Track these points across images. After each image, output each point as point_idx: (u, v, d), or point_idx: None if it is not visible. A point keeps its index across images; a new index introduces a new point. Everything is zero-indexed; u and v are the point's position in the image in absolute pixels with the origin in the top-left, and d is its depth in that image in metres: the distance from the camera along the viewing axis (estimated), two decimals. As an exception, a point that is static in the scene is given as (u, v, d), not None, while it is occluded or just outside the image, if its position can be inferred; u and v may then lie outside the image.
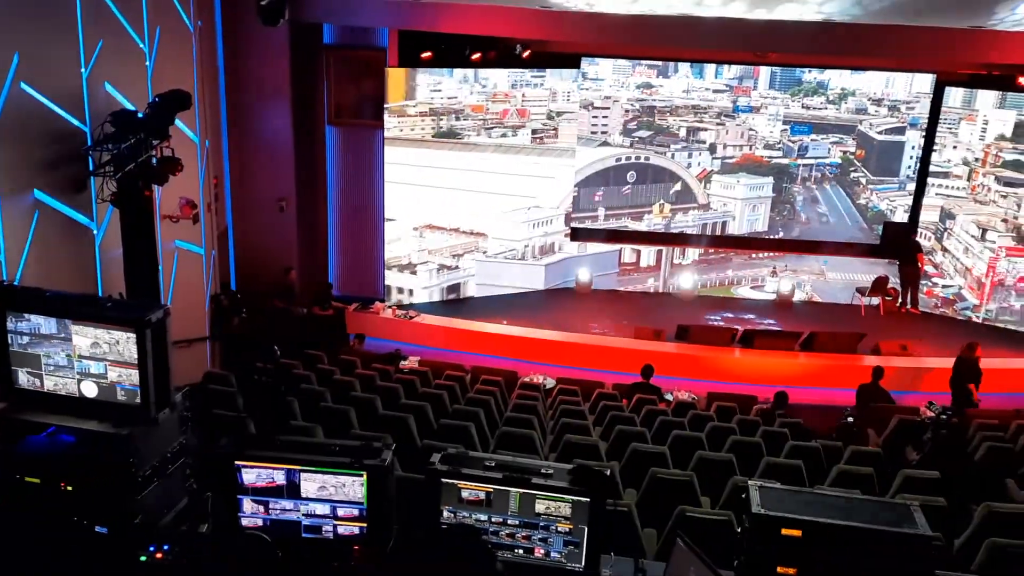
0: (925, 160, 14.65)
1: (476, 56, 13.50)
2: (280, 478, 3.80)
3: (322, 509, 3.85)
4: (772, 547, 3.43)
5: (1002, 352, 13.11)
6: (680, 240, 15.58)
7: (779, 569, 3.43)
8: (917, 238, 14.84)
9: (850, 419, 10.28)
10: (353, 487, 3.80)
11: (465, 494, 3.78)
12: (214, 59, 12.26)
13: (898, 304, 14.79)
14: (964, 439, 9.01)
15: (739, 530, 3.56)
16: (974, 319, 14.49)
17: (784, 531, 3.41)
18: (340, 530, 3.86)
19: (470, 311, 14.06)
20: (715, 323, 14.23)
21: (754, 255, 15.74)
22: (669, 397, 10.78)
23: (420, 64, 13.33)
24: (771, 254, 15.70)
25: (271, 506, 3.85)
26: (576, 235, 15.41)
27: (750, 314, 14.70)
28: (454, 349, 12.75)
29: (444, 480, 3.78)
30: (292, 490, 3.82)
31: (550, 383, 11.16)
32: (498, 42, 13.68)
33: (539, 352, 12.65)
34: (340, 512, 3.84)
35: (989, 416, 9.91)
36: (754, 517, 3.43)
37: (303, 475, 3.80)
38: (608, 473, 3.83)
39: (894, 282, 14.90)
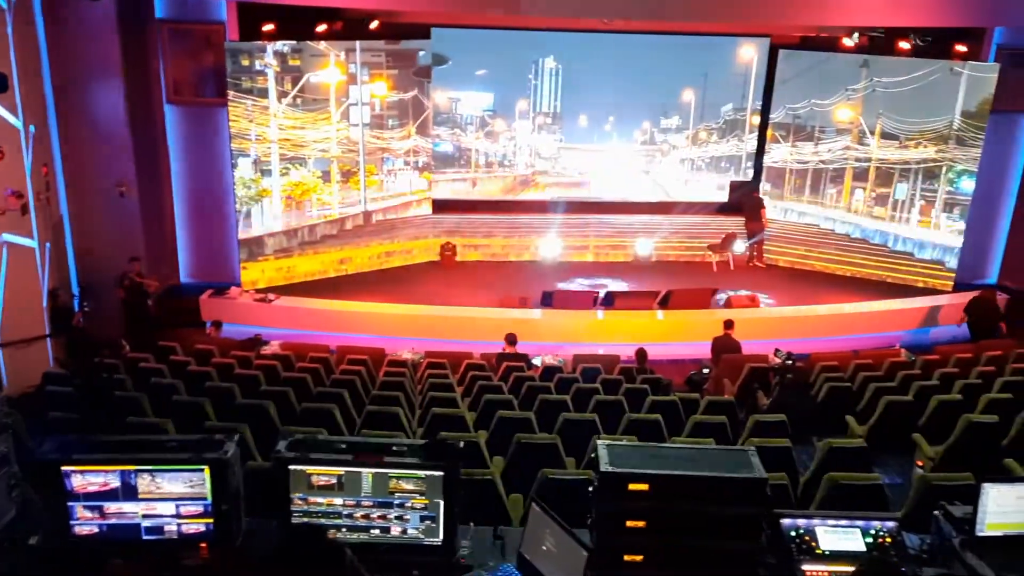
0: (764, 120, 15.37)
1: (322, 28, 13.08)
2: (114, 480, 3.58)
3: (163, 508, 3.66)
4: (621, 502, 3.52)
5: (841, 298, 14.02)
6: (540, 208, 15.74)
7: (628, 523, 3.52)
8: (759, 195, 15.61)
9: (706, 371, 10.77)
10: (195, 483, 3.64)
11: (315, 479, 3.68)
12: (34, 37, 11.32)
13: (746, 259, 15.55)
14: (808, 381, 9.58)
15: (590, 489, 3.63)
16: (818, 268, 15.39)
17: (631, 486, 3.50)
18: (184, 529, 3.69)
19: (333, 290, 13.78)
20: (578, 288, 14.50)
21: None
22: (537, 363, 10.94)
23: (262, 37, 12.80)
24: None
25: (106, 510, 3.63)
26: (437, 207, 15.34)
27: (611, 276, 15.07)
28: (319, 330, 12.46)
29: (292, 467, 3.68)
30: (128, 492, 3.61)
31: (417, 358, 11.09)
32: (345, 13, 13.32)
33: (406, 327, 12.54)
34: (183, 510, 3.67)
35: (830, 359, 10.58)
36: (602, 475, 3.51)
37: (139, 475, 3.60)
38: (462, 445, 3.82)
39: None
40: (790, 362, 9.46)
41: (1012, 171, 14.46)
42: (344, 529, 3.74)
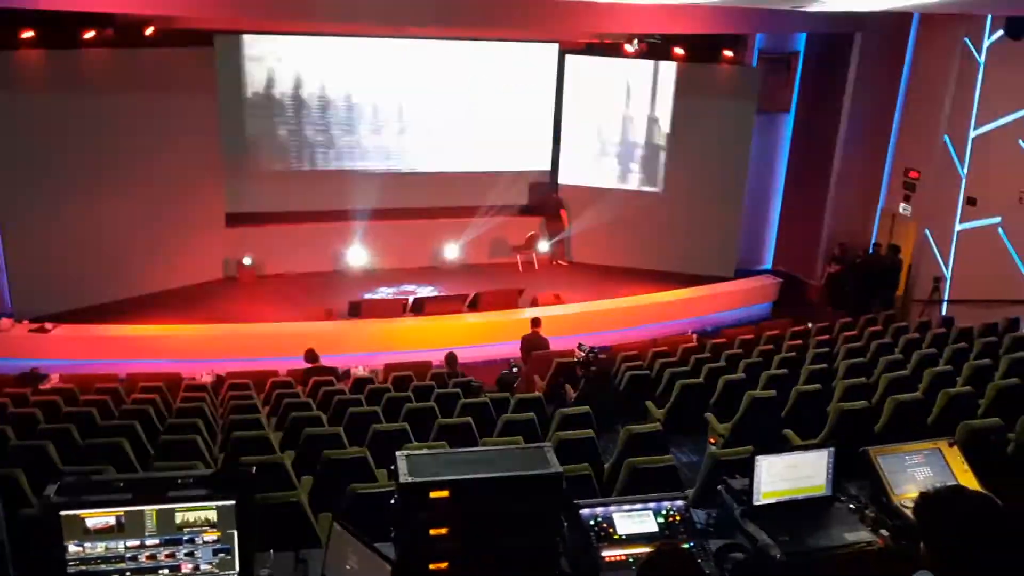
0: (558, 123, 15.92)
1: (90, 35, 12.13)
2: None
3: (-92, 577, 3.24)
4: (423, 512, 3.49)
5: (639, 290, 14.76)
6: (342, 216, 15.44)
7: (432, 531, 3.50)
8: (558, 195, 16.16)
9: (516, 369, 10.99)
10: (-54, 543, 3.24)
11: (91, 523, 3.38)
12: None
13: (550, 258, 16.05)
14: (611, 372, 10.01)
15: (391, 502, 3.58)
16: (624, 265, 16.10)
17: (432, 494, 3.47)
18: (-64, 596, 3.29)
19: (119, 313, 12.83)
20: (386, 295, 14.36)
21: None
22: (350, 374, 10.72)
23: (20, 46, 11.67)
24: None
25: None
26: (232, 220, 14.67)
27: (419, 282, 15.05)
28: (106, 359, 11.55)
29: (64, 513, 3.35)
30: None
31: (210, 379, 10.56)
32: (115, 19, 12.42)
33: (204, 349, 11.91)
34: (-67, 575, 3.26)
35: (630, 348, 11.12)
36: (402, 486, 3.46)
37: None
38: (254, 470, 3.65)
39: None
40: (593, 355, 9.83)
41: (778, 166, 15.86)
42: (128, 574, 3.46)
